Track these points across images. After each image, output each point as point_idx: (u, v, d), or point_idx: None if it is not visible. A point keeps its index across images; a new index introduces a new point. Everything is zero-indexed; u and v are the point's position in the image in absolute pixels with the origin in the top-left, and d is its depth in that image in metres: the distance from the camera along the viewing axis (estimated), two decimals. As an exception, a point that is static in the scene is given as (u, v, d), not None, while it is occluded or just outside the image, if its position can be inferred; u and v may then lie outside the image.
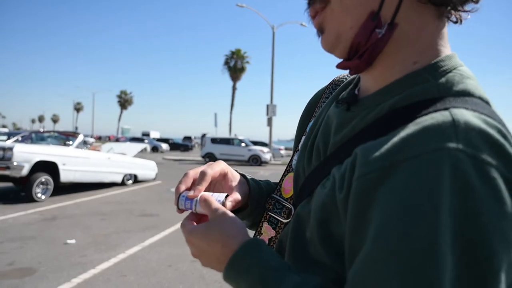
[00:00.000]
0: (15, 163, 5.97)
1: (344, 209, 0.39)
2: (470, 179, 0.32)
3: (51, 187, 6.60)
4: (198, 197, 0.52)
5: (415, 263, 0.32)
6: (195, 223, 0.51)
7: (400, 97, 0.42)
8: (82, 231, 4.65)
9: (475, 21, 0.48)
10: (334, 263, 0.40)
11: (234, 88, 31.18)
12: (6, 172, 5.97)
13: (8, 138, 8.12)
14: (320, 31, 0.47)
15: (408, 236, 0.32)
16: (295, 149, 0.65)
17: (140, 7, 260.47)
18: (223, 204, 0.52)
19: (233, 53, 30.94)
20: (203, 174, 0.55)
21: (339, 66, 0.49)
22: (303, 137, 0.62)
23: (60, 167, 6.71)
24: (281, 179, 0.63)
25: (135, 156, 9.78)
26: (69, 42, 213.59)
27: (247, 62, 31.22)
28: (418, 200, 0.32)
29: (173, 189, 7.94)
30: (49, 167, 6.56)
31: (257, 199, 0.63)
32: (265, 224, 0.61)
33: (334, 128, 0.50)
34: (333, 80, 0.65)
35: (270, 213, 0.61)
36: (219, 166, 0.58)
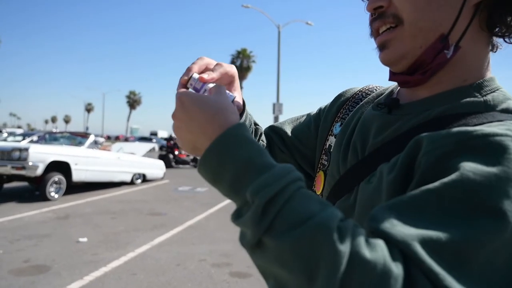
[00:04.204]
0: (30, 163, 6.15)
1: (390, 188, 0.43)
2: None
3: (64, 186, 6.78)
4: (210, 84, 0.51)
5: (470, 212, 0.35)
6: None
7: (449, 107, 0.47)
8: (94, 229, 4.78)
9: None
10: None
11: (240, 88, 31.16)
12: (22, 172, 6.16)
13: (23, 139, 8.35)
14: (383, 46, 0.51)
15: (475, 195, 0.36)
16: (322, 148, 0.67)
17: (148, 7, 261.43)
18: (232, 102, 0.52)
19: (239, 52, 30.94)
20: (220, 65, 0.56)
21: (395, 79, 0.53)
22: (330, 137, 0.66)
23: (73, 166, 6.88)
24: (314, 176, 0.68)
25: (144, 155, 9.94)
26: (80, 43, 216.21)
27: (253, 61, 31.20)
28: (491, 171, 0.36)
29: (181, 188, 7.89)
30: (62, 167, 6.74)
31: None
32: None
33: (375, 129, 0.54)
34: (362, 88, 0.70)
35: None
36: (233, 69, 0.59)
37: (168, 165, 13.31)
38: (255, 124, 0.70)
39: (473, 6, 0.47)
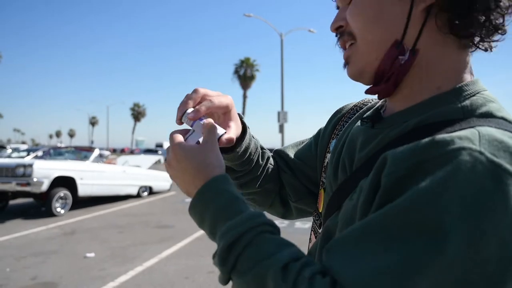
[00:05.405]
0: (35, 179, 6.15)
1: (363, 206, 0.43)
2: (483, 178, 0.35)
3: (69, 201, 6.76)
4: (203, 121, 0.54)
5: (419, 233, 0.36)
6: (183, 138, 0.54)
7: (426, 116, 0.46)
8: (101, 244, 4.74)
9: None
10: None
11: (244, 97, 31.38)
12: (27, 188, 6.15)
13: (28, 154, 8.38)
14: (346, 62, 0.53)
15: (417, 217, 0.36)
16: (321, 166, 0.69)
17: (151, 19, 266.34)
18: (219, 138, 0.55)
19: (242, 62, 31.19)
20: (210, 102, 0.56)
21: (368, 91, 0.53)
22: (328, 154, 0.66)
23: (78, 181, 6.87)
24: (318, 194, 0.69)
25: (150, 168, 9.93)
26: (82, 57, 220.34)
27: (257, 70, 31.42)
28: (436, 189, 0.36)
29: (187, 199, 7.88)
30: (68, 182, 6.73)
31: (244, 149, 0.65)
32: (312, 233, 0.68)
33: (359, 144, 0.53)
34: (358, 102, 0.70)
35: (314, 224, 0.68)
36: (227, 101, 0.59)
37: None
38: (262, 148, 0.72)
39: (423, 10, 0.46)
